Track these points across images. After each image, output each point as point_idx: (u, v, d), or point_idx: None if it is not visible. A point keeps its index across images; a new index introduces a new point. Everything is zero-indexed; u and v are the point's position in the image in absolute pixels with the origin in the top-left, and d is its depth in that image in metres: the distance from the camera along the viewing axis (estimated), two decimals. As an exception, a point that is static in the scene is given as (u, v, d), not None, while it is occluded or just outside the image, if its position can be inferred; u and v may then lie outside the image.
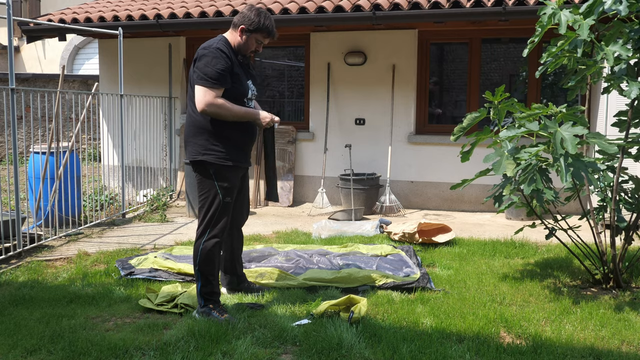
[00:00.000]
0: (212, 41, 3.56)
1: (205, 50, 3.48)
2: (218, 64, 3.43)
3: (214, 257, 3.61)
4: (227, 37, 3.62)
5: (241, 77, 3.59)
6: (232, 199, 3.63)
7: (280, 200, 7.69)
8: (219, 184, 3.56)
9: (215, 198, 3.57)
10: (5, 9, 4.99)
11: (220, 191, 3.56)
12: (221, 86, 3.46)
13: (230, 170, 3.59)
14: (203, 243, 3.58)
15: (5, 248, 4.97)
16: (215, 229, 3.59)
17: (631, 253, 4.48)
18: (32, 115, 7.74)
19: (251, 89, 3.70)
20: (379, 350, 3.08)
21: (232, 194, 3.63)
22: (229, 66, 3.47)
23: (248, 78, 3.69)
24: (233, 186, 3.62)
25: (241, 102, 3.61)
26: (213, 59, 3.44)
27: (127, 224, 6.54)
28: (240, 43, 3.60)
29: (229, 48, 3.57)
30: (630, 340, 3.27)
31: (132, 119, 7.47)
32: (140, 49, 8.25)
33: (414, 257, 4.85)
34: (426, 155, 7.37)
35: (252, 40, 3.59)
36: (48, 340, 3.21)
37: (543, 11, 4.00)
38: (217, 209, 3.57)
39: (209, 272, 3.60)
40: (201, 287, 3.60)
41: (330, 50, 7.59)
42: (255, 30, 3.56)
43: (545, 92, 7.33)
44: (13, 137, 4.98)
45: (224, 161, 3.55)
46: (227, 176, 3.58)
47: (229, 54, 3.50)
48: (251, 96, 3.72)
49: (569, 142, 3.48)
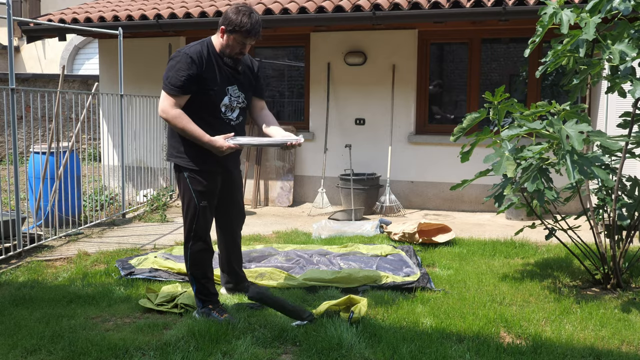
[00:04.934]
0: (190, 44, 3.45)
1: (175, 55, 3.40)
2: (181, 70, 3.30)
3: (202, 260, 3.58)
4: (213, 40, 3.49)
5: (213, 82, 3.38)
6: (208, 203, 3.54)
7: (280, 200, 7.69)
8: (193, 187, 3.49)
9: (191, 201, 3.51)
10: (5, 9, 4.99)
11: (195, 194, 3.49)
12: (183, 93, 3.33)
13: (202, 174, 3.49)
14: (190, 247, 3.56)
15: (5, 248, 4.96)
16: (197, 232, 3.53)
17: (631, 253, 4.48)
18: (32, 115, 7.74)
19: (232, 96, 3.49)
20: (379, 350, 3.08)
21: (209, 197, 3.53)
22: (193, 73, 3.31)
23: (232, 83, 3.48)
24: (208, 190, 3.52)
25: (214, 111, 3.43)
26: (177, 63, 3.33)
27: (127, 224, 6.54)
28: (223, 45, 3.42)
29: (209, 51, 3.41)
30: (630, 340, 3.27)
31: (132, 119, 7.46)
32: (140, 49, 8.25)
33: (414, 257, 4.85)
34: (426, 155, 7.37)
35: (234, 41, 3.38)
36: (48, 340, 3.21)
37: (544, 11, 3.99)
38: (195, 213, 3.51)
39: (200, 276, 3.58)
40: (197, 290, 3.60)
41: (330, 50, 7.59)
42: (233, 30, 3.34)
43: (545, 92, 7.33)
44: (13, 137, 4.98)
45: (194, 165, 3.47)
46: (199, 180, 3.49)
47: (200, 59, 3.34)
48: (232, 104, 3.50)
49: (574, 138, 3.47)
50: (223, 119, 3.49)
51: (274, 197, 7.73)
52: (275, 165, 7.76)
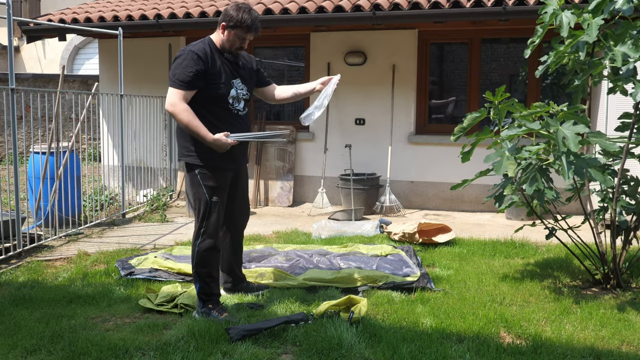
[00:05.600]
0: (192, 43, 3.58)
1: (180, 53, 3.53)
2: (188, 66, 3.44)
3: (209, 258, 3.61)
4: (212, 38, 3.64)
5: (219, 77, 3.54)
6: (220, 199, 3.62)
7: (280, 200, 7.69)
8: (205, 183, 3.58)
9: (202, 198, 3.59)
10: (5, 9, 4.99)
11: (207, 191, 3.58)
12: (190, 89, 3.45)
13: (213, 171, 3.58)
14: (198, 245, 3.60)
15: (5, 248, 4.97)
16: (207, 229, 3.59)
17: (631, 253, 4.48)
18: (32, 115, 7.74)
19: (238, 89, 3.63)
20: (379, 350, 3.08)
21: (220, 193, 3.62)
22: (201, 69, 3.45)
23: (235, 77, 3.64)
24: (219, 186, 3.61)
25: (222, 104, 3.56)
26: (184, 60, 3.46)
27: (127, 224, 6.54)
28: (223, 41, 3.58)
29: (211, 49, 3.56)
30: (630, 340, 3.27)
31: (132, 119, 7.47)
32: (140, 49, 8.25)
33: (414, 257, 4.85)
34: (426, 155, 7.37)
35: (235, 37, 3.56)
36: (48, 340, 3.21)
37: (544, 10, 3.98)
38: (206, 209, 3.59)
39: (205, 274, 3.60)
40: (199, 289, 3.61)
41: (330, 50, 7.59)
42: (235, 26, 3.53)
43: (546, 92, 7.33)
44: (13, 137, 4.98)
45: (206, 162, 3.56)
46: (211, 176, 3.58)
47: (205, 56, 3.48)
48: (238, 96, 3.64)
49: (570, 140, 3.47)
50: (231, 110, 3.62)
51: (274, 197, 7.73)
52: (275, 165, 7.76)
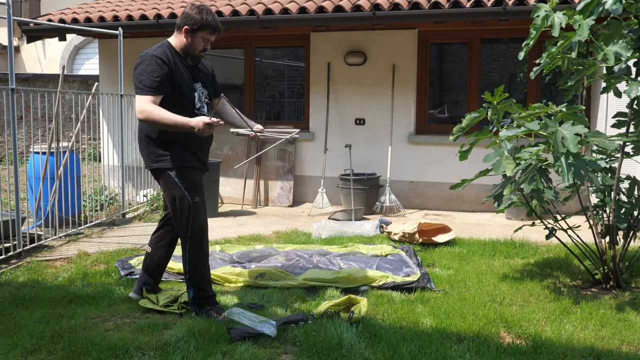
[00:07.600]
0: (151, 48, 3.51)
1: (141, 59, 3.46)
2: (154, 71, 3.37)
3: (200, 263, 3.55)
4: (170, 42, 3.57)
5: (183, 82, 3.49)
6: (201, 199, 3.53)
7: (280, 200, 7.69)
8: (183, 184, 3.48)
9: (184, 199, 3.48)
10: (5, 9, 4.99)
11: (187, 192, 3.48)
12: (158, 93, 3.39)
13: (188, 170, 3.51)
14: (188, 251, 3.53)
15: (5, 248, 4.97)
16: (194, 231, 3.49)
17: (631, 253, 4.48)
18: (32, 115, 7.74)
19: (200, 93, 3.59)
20: (379, 350, 3.08)
21: (199, 193, 3.53)
22: (165, 73, 3.39)
23: (197, 81, 3.59)
24: (196, 185, 3.53)
25: (187, 108, 3.49)
26: (148, 66, 3.40)
27: (127, 224, 6.54)
28: (186, 45, 3.52)
29: (172, 53, 3.50)
30: (630, 340, 3.27)
31: (132, 119, 7.46)
32: (140, 49, 8.16)
33: (414, 257, 4.85)
34: (426, 155, 7.37)
35: (199, 39, 3.50)
36: (48, 340, 3.21)
37: (537, 13, 3.99)
38: (190, 211, 3.48)
39: (200, 279, 3.57)
40: (193, 295, 3.57)
41: (330, 50, 7.59)
42: (199, 28, 3.47)
43: (545, 92, 7.33)
44: (13, 137, 4.98)
45: (179, 163, 3.49)
46: (186, 176, 3.50)
47: (167, 60, 3.42)
48: (201, 100, 3.59)
49: (570, 140, 3.47)
50: (197, 114, 3.54)
51: (274, 197, 7.73)
52: (275, 165, 7.77)
